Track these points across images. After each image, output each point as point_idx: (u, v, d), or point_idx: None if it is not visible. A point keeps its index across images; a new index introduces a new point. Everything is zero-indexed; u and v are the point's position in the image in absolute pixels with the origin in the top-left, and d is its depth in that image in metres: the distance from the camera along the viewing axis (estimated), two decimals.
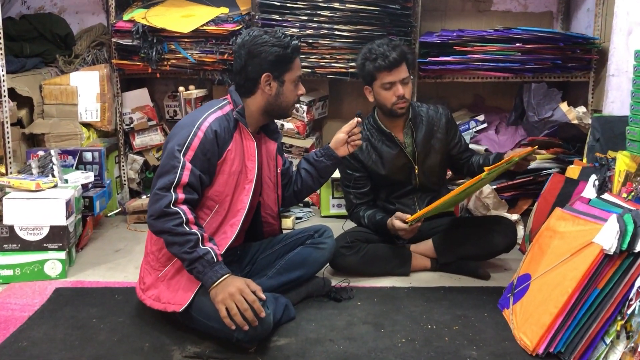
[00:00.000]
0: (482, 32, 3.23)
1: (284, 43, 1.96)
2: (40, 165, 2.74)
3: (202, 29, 3.18)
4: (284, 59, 1.97)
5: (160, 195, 1.85)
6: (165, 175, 1.87)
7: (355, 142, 2.19)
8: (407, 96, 2.42)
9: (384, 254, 2.47)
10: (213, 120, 1.94)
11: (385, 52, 2.38)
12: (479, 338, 1.94)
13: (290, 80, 2.01)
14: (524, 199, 3.23)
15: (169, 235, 1.84)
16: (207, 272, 1.81)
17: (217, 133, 1.92)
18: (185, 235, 1.82)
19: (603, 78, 3.16)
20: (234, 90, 2.04)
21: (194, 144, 1.89)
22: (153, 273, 1.99)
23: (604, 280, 1.75)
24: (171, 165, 1.87)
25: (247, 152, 2.01)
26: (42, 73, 3.34)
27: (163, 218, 1.83)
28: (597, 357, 1.74)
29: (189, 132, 1.90)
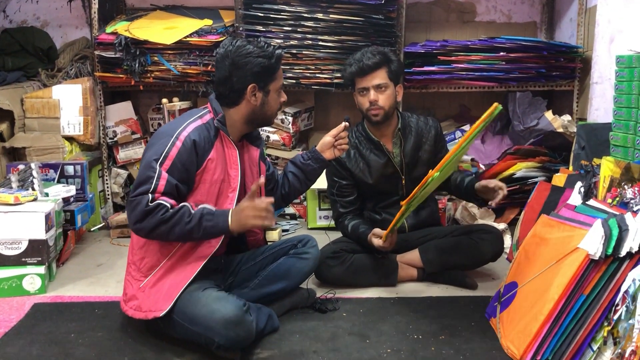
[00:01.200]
0: (467, 42, 3.24)
1: (267, 53, 1.94)
2: (20, 179, 2.70)
3: (185, 40, 3.17)
4: (269, 69, 1.96)
5: (137, 200, 1.83)
6: (141, 185, 1.85)
7: (342, 147, 2.17)
8: (380, 103, 2.40)
9: (370, 264, 2.44)
10: (192, 129, 1.91)
11: (361, 58, 2.39)
12: (465, 347, 1.91)
13: (275, 89, 2.01)
14: (511, 208, 3.22)
15: (163, 225, 1.82)
16: (216, 218, 1.85)
17: (195, 142, 1.89)
18: (176, 213, 1.82)
19: (587, 86, 3.17)
20: (214, 99, 2.01)
21: (172, 154, 1.86)
22: (134, 283, 1.95)
23: (590, 286, 1.73)
24: (147, 175, 1.85)
25: (230, 160, 1.99)
26: (24, 87, 3.31)
27: (148, 217, 1.82)
28: None
29: (167, 141, 1.88)
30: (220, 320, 1.77)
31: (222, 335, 1.77)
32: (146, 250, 1.94)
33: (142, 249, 1.94)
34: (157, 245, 1.93)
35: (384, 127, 2.49)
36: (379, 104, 2.40)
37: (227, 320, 1.77)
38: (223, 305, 1.80)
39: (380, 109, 2.41)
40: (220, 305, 1.80)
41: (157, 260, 1.93)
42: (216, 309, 1.79)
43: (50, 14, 3.66)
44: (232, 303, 1.82)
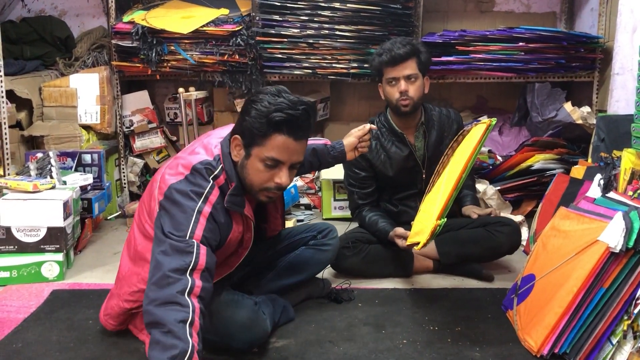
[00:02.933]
0: (485, 32, 3.21)
1: (265, 110, 1.61)
2: (39, 167, 2.73)
3: (202, 30, 3.17)
4: (256, 129, 1.62)
5: (173, 279, 1.50)
6: (178, 255, 1.54)
7: (362, 149, 2.14)
8: (410, 94, 2.38)
9: (385, 255, 2.43)
10: (212, 206, 1.65)
11: (392, 48, 2.38)
12: (482, 339, 1.90)
13: (258, 156, 1.65)
14: (528, 200, 3.19)
15: (160, 330, 1.45)
16: None
17: (217, 222, 1.66)
18: (177, 339, 1.43)
19: (608, 77, 3.12)
20: (227, 155, 1.71)
21: (198, 231, 1.60)
22: (125, 314, 1.87)
23: (610, 279, 1.71)
24: (182, 247, 1.55)
25: (246, 227, 1.79)
26: (42, 75, 3.33)
27: (168, 305, 1.48)
28: (604, 357, 1.70)
29: (190, 217, 1.60)
30: (234, 327, 1.73)
31: (238, 340, 1.74)
32: (140, 297, 1.73)
33: (137, 293, 1.78)
34: None
35: (409, 120, 2.48)
36: (409, 94, 2.38)
37: (241, 326, 1.73)
38: (234, 311, 1.75)
39: (410, 99, 2.39)
40: (232, 312, 1.75)
41: None
42: (228, 316, 1.74)
43: (67, 3, 3.66)
44: (244, 307, 1.77)
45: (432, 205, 2.09)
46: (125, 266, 1.87)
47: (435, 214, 1.96)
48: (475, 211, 2.43)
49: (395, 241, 2.31)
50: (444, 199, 1.96)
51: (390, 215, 2.53)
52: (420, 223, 2.16)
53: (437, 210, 1.97)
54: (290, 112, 1.60)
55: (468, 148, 2.03)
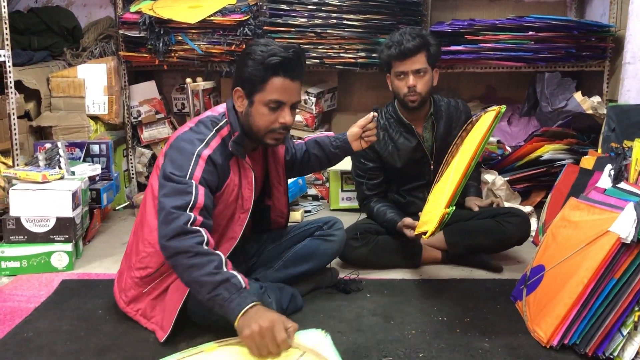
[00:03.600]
0: (494, 21, 3.19)
1: (260, 58, 1.73)
2: (47, 158, 2.74)
3: (209, 19, 3.16)
4: (255, 76, 1.74)
5: (177, 214, 1.64)
6: (179, 196, 1.67)
7: (369, 138, 2.11)
8: (419, 89, 2.36)
9: (393, 246, 2.42)
10: (213, 149, 1.77)
11: (401, 41, 2.33)
12: (491, 330, 1.89)
13: (261, 101, 1.76)
14: (538, 190, 3.18)
15: (186, 256, 1.60)
16: (234, 298, 1.56)
17: (216, 164, 1.77)
18: (207, 255, 1.60)
19: (619, 66, 3.10)
20: (232, 109, 1.85)
21: (197, 172, 1.71)
22: (137, 288, 1.90)
23: (621, 270, 1.69)
24: (180, 187, 1.68)
25: (245, 180, 1.87)
26: (50, 66, 3.34)
27: (181, 237, 1.62)
28: (614, 348, 1.69)
29: (189, 159, 1.73)
30: None
31: None
32: (149, 262, 1.84)
33: (145, 259, 1.85)
34: (159, 260, 1.81)
35: (417, 111, 2.46)
36: (417, 89, 2.36)
37: None
38: None
39: (418, 94, 2.37)
40: None
41: (159, 274, 1.85)
42: None
43: None
44: (250, 287, 1.76)
45: (440, 195, 2.08)
46: (130, 241, 1.94)
47: (444, 203, 1.96)
48: (477, 203, 2.43)
49: (403, 232, 2.30)
50: (453, 187, 1.95)
51: (398, 206, 2.53)
52: (429, 213, 2.16)
53: (445, 199, 1.97)
54: (283, 55, 1.73)
55: (477, 136, 2.01)
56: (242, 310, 1.55)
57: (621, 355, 1.68)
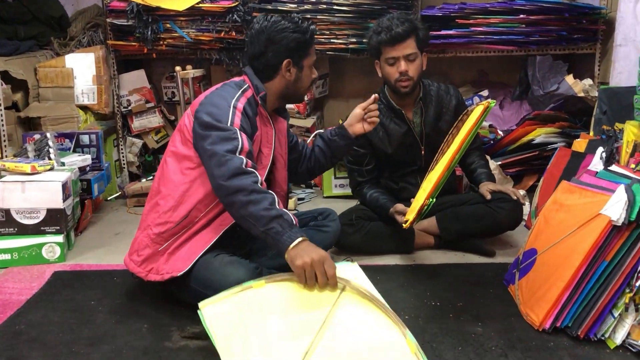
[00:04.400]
0: (485, 4, 3.17)
1: (302, 29, 1.94)
2: (37, 149, 2.71)
3: (197, 6, 3.13)
4: (304, 45, 1.96)
5: (229, 157, 1.75)
6: (226, 142, 1.78)
7: (372, 119, 2.14)
8: (410, 74, 2.35)
9: (386, 232, 2.43)
10: (244, 103, 1.91)
11: (390, 26, 2.32)
12: (484, 314, 1.90)
13: (308, 65, 2.00)
14: (530, 174, 3.18)
15: (244, 194, 1.72)
16: (285, 231, 1.69)
17: (249, 117, 1.90)
18: (262, 193, 1.73)
19: (610, 49, 3.10)
20: (253, 75, 1.99)
21: (237, 120, 1.84)
22: (152, 246, 1.94)
23: (612, 252, 1.70)
24: (226, 134, 1.79)
25: (265, 138, 2.00)
26: (37, 56, 3.30)
27: (239, 176, 1.73)
28: (605, 330, 1.70)
29: (227, 110, 1.85)
30: (233, 283, 1.75)
31: None
32: (170, 217, 1.93)
33: (166, 214, 1.93)
34: (180, 212, 1.91)
35: (407, 96, 2.45)
36: (409, 74, 2.34)
37: (239, 283, 1.75)
38: (235, 268, 1.82)
39: (410, 79, 2.35)
40: (233, 269, 1.82)
41: (181, 228, 1.92)
42: (229, 272, 1.81)
43: None
44: (244, 266, 1.83)
45: (428, 184, 2.08)
46: (146, 209, 2.02)
47: (426, 193, 1.96)
48: (490, 188, 2.40)
49: (395, 217, 2.30)
50: (435, 178, 1.96)
51: (391, 192, 2.52)
52: (417, 201, 2.16)
53: (428, 189, 1.97)
54: (310, 25, 1.98)
55: (465, 129, 2.01)
56: (294, 242, 1.66)
57: (612, 336, 1.69)
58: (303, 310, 1.59)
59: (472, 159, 2.57)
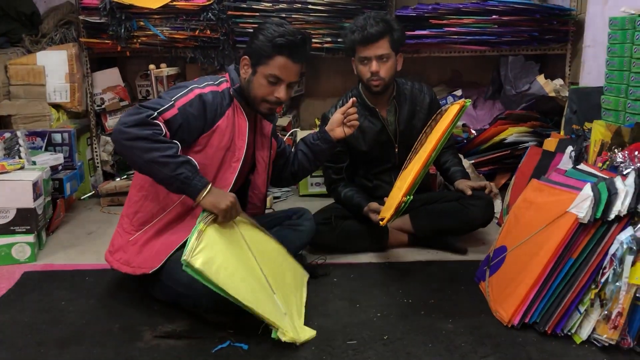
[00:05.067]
0: (459, 5, 3.19)
1: (270, 36, 1.91)
2: (6, 147, 2.67)
3: (172, 4, 3.10)
4: (262, 51, 1.93)
5: (142, 110, 1.79)
6: (152, 103, 1.83)
7: (352, 123, 2.17)
8: (382, 74, 2.36)
9: (360, 230, 2.44)
10: (207, 90, 1.93)
11: (364, 26, 2.32)
12: (455, 311, 1.93)
13: (263, 74, 1.94)
14: (502, 173, 3.22)
15: (146, 141, 1.74)
16: (195, 176, 1.77)
17: (206, 103, 1.90)
18: (166, 142, 1.76)
19: (580, 50, 3.14)
20: (232, 70, 2.03)
21: (183, 100, 1.86)
22: (124, 236, 1.96)
23: (579, 250, 1.73)
24: (158, 101, 1.85)
25: (238, 130, 1.99)
26: (8, 53, 3.24)
27: (141, 126, 1.75)
28: (572, 326, 1.73)
29: (181, 90, 1.89)
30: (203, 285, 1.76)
31: (209, 297, 1.74)
32: (141, 205, 1.94)
33: (137, 202, 1.94)
34: (154, 201, 1.93)
35: (381, 95, 2.46)
36: (381, 74, 2.35)
37: None
38: None
39: (382, 79, 2.36)
40: None
41: (151, 216, 1.93)
42: None
43: None
44: None
45: (403, 182, 2.10)
46: None
47: (402, 191, 1.98)
48: (470, 184, 2.43)
49: (369, 216, 2.32)
50: (412, 176, 1.98)
51: (366, 190, 2.54)
52: (392, 199, 2.17)
53: (404, 187, 1.99)
54: (290, 38, 1.90)
55: (441, 127, 2.03)
56: (206, 187, 1.78)
57: (579, 332, 1.73)
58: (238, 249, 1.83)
59: (445, 157, 2.60)
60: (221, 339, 1.74)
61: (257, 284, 1.77)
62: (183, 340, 1.76)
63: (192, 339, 1.77)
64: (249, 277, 1.76)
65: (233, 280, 1.68)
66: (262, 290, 1.77)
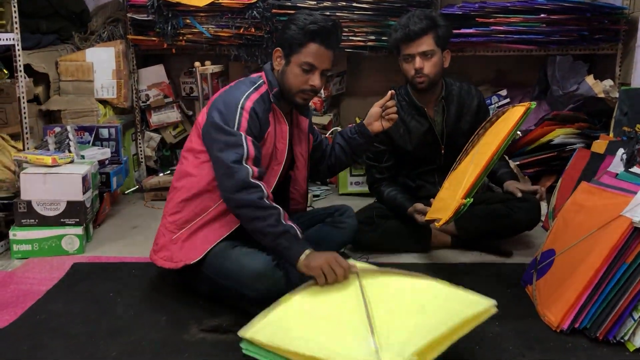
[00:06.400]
0: (506, 3, 3.16)
1: (302, 24, 1.91)
2: (57, 141, 2.75)
3: (217, 2, 3.15)
4: (294, 39, 1.93)
5: (236, 169, 1.82)
6: (232, 149, 1.84)
7: (390, 116, 2.14)
8: (426, 71, 2.34)
9: (403, 230, 2.43)
10: (254, 101, 1.93)
11: (407, 23, 2.32)
12: (501, 314, 1.86)
13: (297, 62, 1.94)
14: (548, 175, 3.16)
15: (250, 209, 1.80)
16: (293, 246, 1.79)
17: (258, 115, 1.92)
18: (268, 209, 1.80)
19: (632, 49, 3.07)
20: (269, 70, 2.02)
21: (243, 123, 1.87)
22: (167, 235, 1.99)
23: (633, 255, 1.70)
24: (233, 140, 1.85)
25: (279, 134, 2.02)
26: (58, 49, 3.34)
27: (244, 191, 1.80)
28: (625, 333, 1.70)
29: (235, 111, 1.89)
30: (249, 274, 1.82)
31: (252, 289, 1.81)
32: (183, 206, 1.97)
33: (179, 204, 1.98)
34: (194, 203, 1.96)
35: (428, 94, 2.44)
36: (424, 72, 2.34)
37: (256, 274, 1.82)
38: (253, 259, 1.86)
39: (426, 76, 2.35)
40: (250, 260, 1.85)
41: (193, 216, 1.96)
42: (246, 263, 1.85)
43: None
44: (262, 257, 1.86)
45: (457, 184, 2.07)
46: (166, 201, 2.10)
47: (461, 193, 1.95)
48: (520, 187, 2.34)
49: (414, 217, 2.30)
50: (472, 178, 1.94)
51: (408, 190, 2.52)
52: (443, 200, 2.15)
53: (463, 189, 1.95)
54: (322, 24, 1.91)
55: (502, 130, 1.99)
56: (302, 254, 1.77)
57: (632, 339, 1.69)
58: (338, 302, 1.67)
59: None
60: None
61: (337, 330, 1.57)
62: (228, 335, 1.78)
63: (237, 333, 1.79)
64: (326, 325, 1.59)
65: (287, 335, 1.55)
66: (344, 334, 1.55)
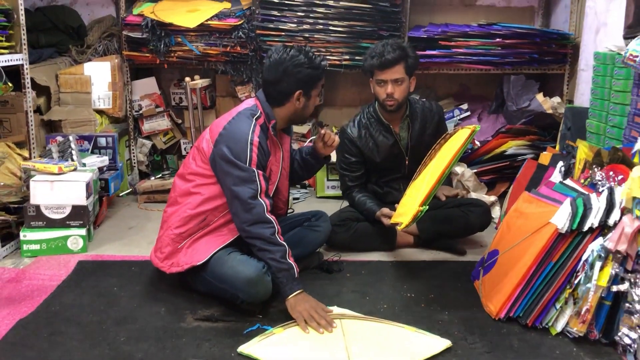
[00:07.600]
0: (465, 28, 3.45)
1: (315, 64, 2.15)
2: (60, 150, 2.98)
3: (206, 23, 3.39)
4: (315, 79, 2.19)
5: (253, 204, 2.05)
6: (247, 185, 2.05)
7: (332, 145, 2.38)
8: (396, 96, 2.61)
9: (372, 231, 2.71)
10: (258, 135, 2.12)
11: (382, 52, 2.57)
12: (451, 305, 2.17)
13: (316, 94, 2.24)
14: (502, 182, 3.45)
15: (262, 242, 2.05)
16: (288, 283, 2.05)
17: (263, 148, 2.13)
18: (277, 245, 2.05)
19: (577, 71, 3.37)
20: (265, 101, 2.20)
21: (254, 158, 2.07)
22: (173, 245, 2.20)
23: (557, 255, 1.98)
24: (246, 176, 2.06)
25: (274, 158, 2.24)
26: (57, 63, 3.54)
27: (259, 224, 2.05)
28: (549, 319, 1.99)
29: (245, 147, 2.07)
30: (243, 280, 2.06)
31: (245, 292, 2.06)
32: (189, 220, 2.19)
33: (185, 218, 2.19)
34: (200, 218, 2.17)
35: (395, 113, 2.71)
36: (395, 96, 2.61)
37: (249, 280, 2.05)
38: (246, 267, 2.08)
39: (395, 100, 2.62)
40: (244, 267, 2.08)
41: (198, 229, 2.19)
42: (240, 270, 2.07)
43: None
44: (254, 265, 2.09)
45: (416, 192, 2.35)
46: (167, 212, 2.28)
47: (419, 201, 2.22)
48: (444, 193, 2.72)
49: (381, 220, 2.59)
50: (428, 189, 2.22)
51: (377, 196, 2.82)
52: (405, 206, 2.44)
53: (420, 198, 2.23)
54: (322, 61, 2.20)
55: (452, 148, 2.28)
56: (293, 293, 2.04)
57: (554, 325, 1.99)
58: (322, 341, 1.94)
59: None
60: (251, 323, 2.04)
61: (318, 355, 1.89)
62: (219, 323, 2.06)
63: (227, 322, 2.07)
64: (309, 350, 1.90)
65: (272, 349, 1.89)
66: None
